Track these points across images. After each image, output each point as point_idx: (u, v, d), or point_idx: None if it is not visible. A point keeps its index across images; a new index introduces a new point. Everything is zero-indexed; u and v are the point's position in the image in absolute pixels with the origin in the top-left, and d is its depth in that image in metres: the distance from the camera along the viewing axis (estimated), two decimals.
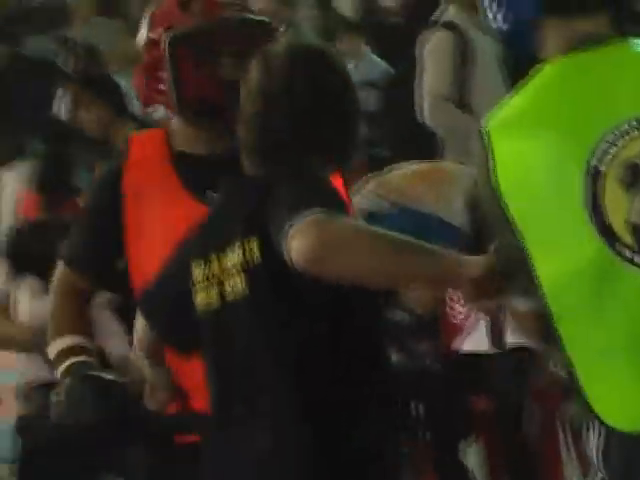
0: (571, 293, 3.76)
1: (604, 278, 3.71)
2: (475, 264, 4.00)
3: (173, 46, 4.67)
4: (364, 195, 8.31)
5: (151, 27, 4.81)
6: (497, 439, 8.10)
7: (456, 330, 8.10)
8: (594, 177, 3.75)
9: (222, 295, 4.34)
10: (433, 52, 9.85)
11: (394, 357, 7.70)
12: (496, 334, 7.54)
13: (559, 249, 3.83)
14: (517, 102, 4.01)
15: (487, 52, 9.02)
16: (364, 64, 15.55)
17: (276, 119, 4.30)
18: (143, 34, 4.86)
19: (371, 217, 7.98)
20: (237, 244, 4.25)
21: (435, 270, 3.97)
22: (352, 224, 4.09)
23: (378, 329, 4.49)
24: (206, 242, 4.40)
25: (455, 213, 8.16)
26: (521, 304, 4.44)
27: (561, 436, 7.97)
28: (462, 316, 7.96)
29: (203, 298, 4.38)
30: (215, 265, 4.34)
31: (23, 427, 9.00)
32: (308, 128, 4.26)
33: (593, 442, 3.89)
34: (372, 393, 4.34)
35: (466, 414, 8.07)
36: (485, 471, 8.26)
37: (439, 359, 8.31)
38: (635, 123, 3.75)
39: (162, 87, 4.75)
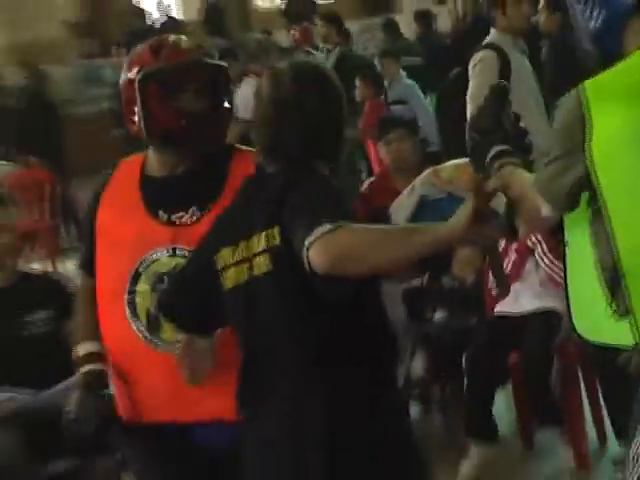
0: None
1: None
2: (455, 219, 4.42)
3: (143, 83, 5.11)
4: (421, 182, 9.31)
5: (128, 68, 5.28)
6: (525, 388, 8.51)
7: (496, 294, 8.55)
8: None
9: (250, 271, 4.88)
10: (478, 67, 10.36)
11: (444, 318, 9.07)
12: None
13: (630, 218, 4.06)
14: (616, 75, 4.14)
15: (522, 68, 9.97)
16: (397, 84, 16.87)
17: (285, 126, 4.87)
18: (123, 74, 5.38)
19: (424, 201, 9.17)
20: (261, 232, 4.78)
21: (427, 241, 4.36)
22: (353, 232, 4.54)
23: (382, 309, 4.90)
24: (234, 230, 4.92)
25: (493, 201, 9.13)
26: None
27: (582, 388, 8.51)
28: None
29: (233, 276, 4.94)
30: (243, 248, 4.85)
31: None
32: (312, 135, 4.83)
33: None
34: (385, 371, 4.82)
35: (503, 366, 8.49)
36: (514, 415, 8.90)
37: (482, 320, 8.92)
38: None
39: (135, 119, 5.17)
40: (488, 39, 10.94)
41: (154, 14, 31.27)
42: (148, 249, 5.12)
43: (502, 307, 8.60)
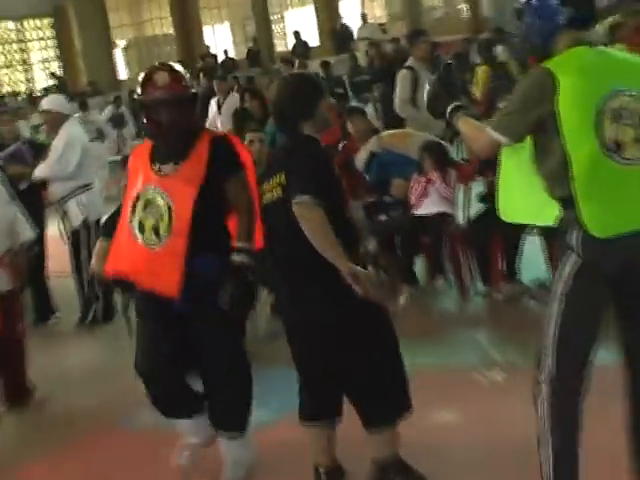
0: (584, 164, 5.10)
1: (597, 161, 5.11)
2: (344, 264, 6.09)
3: (139, 105, 6.78)
4: (371, 144, 12.27)
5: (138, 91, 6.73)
6: (435, 257, 11.24)
7: (414, 204, 11.21)
8: (598, 113, 5.15)
9: (272, 195, 6.52)
10: (400, 78, 13.55)
11: (385, 219, 11.49)
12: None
13: (583, 143, 5.14)
14: (566, 60, 5.32)
15: (427, 79, 10.86)
16: None
17: (285, 105, 6.64)
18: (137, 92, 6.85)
19: (373, 154, 12.11)
20: (278, 174, 6.44)
21: (331, 257, 6.06)
22: (314, 218, 6.14)
23: (350, 216, 6.56)
24: (270, 173, 6.59)
25: (413, 153, 11.56)
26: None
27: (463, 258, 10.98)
28: (415, 198, 11.12)
29: (268, 197, 6.57)
30: (274, 182, 6.48)
31: None
32: (299, 109, 6.52)
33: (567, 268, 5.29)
34: (351, 248, 6.30)
35: (418, 244, 11.24)
36: (426, 272, 11.43)
37: (406, 219, 11.33)
38: (620, 89, 5.21)
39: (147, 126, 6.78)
40: (407, 63, 14.14)
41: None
42: (145, 186, 6.63)
43: (417, 211, 11.24)
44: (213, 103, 19.43)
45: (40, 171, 12.27)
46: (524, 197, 5.68)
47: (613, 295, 5.28)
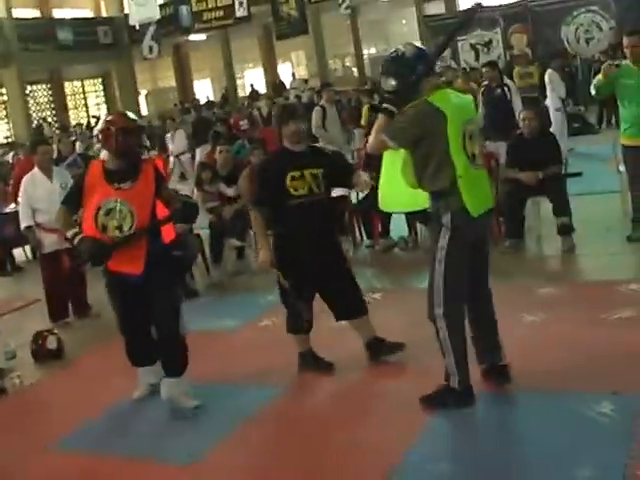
0: (462, 168, 5.03)
1: (467, 166, 5.06)
2: (263, 253, 6.27)
3: (115, 132, 5.86)
4: None
5: (107, 123, 6.02)
6: (351, 219, 10.62)
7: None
8: (464, 135, 5.08)
9: (310, 188, 6.12)
10: (315, 112, 12.97)
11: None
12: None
13: (460, 154, 5.04)
14: (442, 99, 5.12)
15: (332, 113, 12.79)
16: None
17: (277, 121, 6.59)
18: (101, 124, 6.20)
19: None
20: (314, 168, 6.13)
21: (259, 239, 6.39)
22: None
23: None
24: (301, 164, 6.12)
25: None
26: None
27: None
28: None
29: (297, 186, 6.10)
30: (307, 173, 6.11)
31: None
32: (277, 127, 6.37)
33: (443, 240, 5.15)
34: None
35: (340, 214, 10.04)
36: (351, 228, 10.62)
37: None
38: (468, 118, 5.19)
39: (108, 147, 5.96)
40: (320, 103, 13.67)
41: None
42: (104, 199, 5.88)
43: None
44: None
45: None
46: (400, 192, 5.48)
47: (471, 252, 5.25)
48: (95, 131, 6.10)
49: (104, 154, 6.05)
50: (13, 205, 12.76)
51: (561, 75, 15.64)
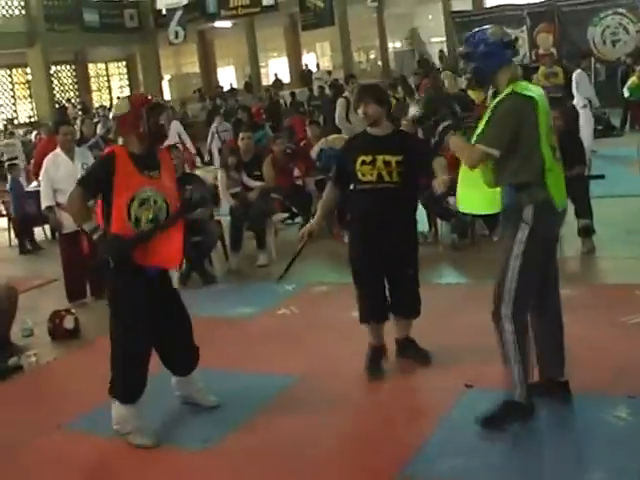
0: (549, 159, 4.73)
1: (551, 158, 4.76)
2: (312, 222, 6.14)
3: (145, 112, 5.30)
4: (320, 142, 11.94)
5: (132, 104, 5.40)
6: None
7: None
8: (548, 125, 4.82)
9: (380, 175, 5.74)
10: (339, 104, 12.50)
11: None
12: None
13: (546, 146, 4.73)
14: (528, 89, 4.80)
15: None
16: None
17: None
18: (123, 107, 5.43)
19: (321, 149, 11.83)
20: (388, 154, 5.74)
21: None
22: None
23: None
24: (374, 149, 5.76)
25: None
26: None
27: None
28: None
29: (365, 172, 5.76)
30: (380, 159, 5.72)
31: None
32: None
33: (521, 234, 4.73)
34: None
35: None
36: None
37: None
38: (549, 115, 4.86)
39: (135, 130, 5.32)
40: (343, 94, 13.09)
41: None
42: (139, 188, 5.28)
43: None
44: None
45: None
46: (478, 194, 5.03)
47: (546, 251, 4.94)
48: (112, 115, 5.35)
49: (123, 141, 5.51)
50: (35, 184, 12.83)
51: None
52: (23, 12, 31.68)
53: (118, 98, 35.47)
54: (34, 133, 22.67)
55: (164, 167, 5.45)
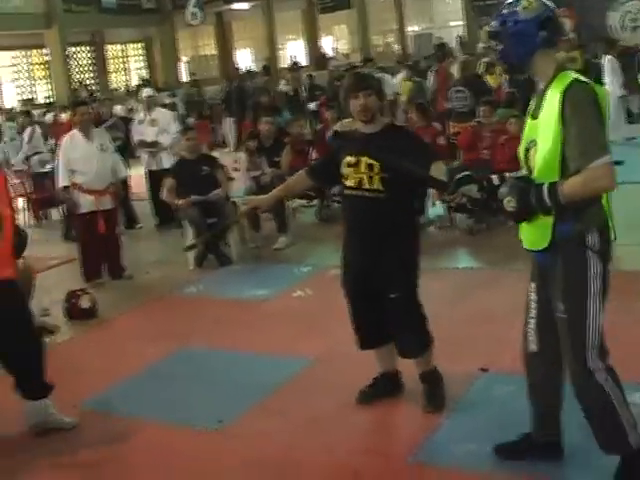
0: None
1: None
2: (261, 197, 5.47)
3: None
4: (336, 125, 8.97)
5: None
6: None
7: None
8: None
9: (360, 181, 4.82)
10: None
11: None
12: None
13: None
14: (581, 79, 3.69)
15: None
16: None
17: (344, 94, 4.94)
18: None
19: (335, 132, 9.17)
20: (372, 157, 4.74)
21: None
22: None
23: None
24: (359, 148, 4.82)
25: None
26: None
27: None
28: None
29: (348, 175, 4.86)
30: (363, 161, 4.76)
31: None
32: None
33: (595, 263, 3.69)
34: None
35: None
36: None
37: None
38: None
39: None
40: None
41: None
42: None
43: None
44: None
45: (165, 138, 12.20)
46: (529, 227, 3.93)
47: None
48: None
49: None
50: (52, 164, 12.74)
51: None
52: None
53: (143, 79, 35.80)
54: (51, 114, 22.65)
55: None
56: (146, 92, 13.21)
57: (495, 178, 4.08)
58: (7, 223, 5.23)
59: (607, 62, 15.18)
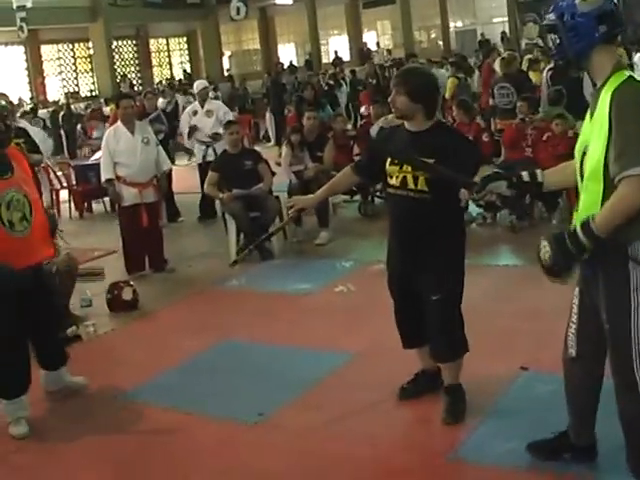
0: None
1: None
2: (306, 200, 5.21)
3: None
4: (380, 121, 11.17)
5: None
6: None
7: None
8: None
9: (404, 180, 4.68)
10: None
11: None
12: None
13: None
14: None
15: None
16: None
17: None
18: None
19: (382, 127, 10.53)
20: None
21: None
22: None
23: None
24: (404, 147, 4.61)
25: None
26: None
27: None
28: None
29: (392, 173, 4.70)
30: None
31: None
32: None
33: None
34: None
35: None
36: None
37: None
38: None
39: None
40: None
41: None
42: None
43: None
44: None
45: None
46: None
47: None
48: None
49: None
50: (96, 156, 12.91)
51: None
52: None
53: (185, 71, 35.92)
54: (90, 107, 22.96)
55: (16, 163, 5.46)
56: (200, 84, 13.17)
57: (525, 174, 3.97)
58: (37, 206, 5.42)
59: (638, 59, 15.10)
